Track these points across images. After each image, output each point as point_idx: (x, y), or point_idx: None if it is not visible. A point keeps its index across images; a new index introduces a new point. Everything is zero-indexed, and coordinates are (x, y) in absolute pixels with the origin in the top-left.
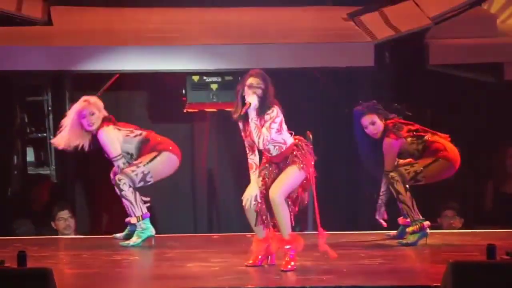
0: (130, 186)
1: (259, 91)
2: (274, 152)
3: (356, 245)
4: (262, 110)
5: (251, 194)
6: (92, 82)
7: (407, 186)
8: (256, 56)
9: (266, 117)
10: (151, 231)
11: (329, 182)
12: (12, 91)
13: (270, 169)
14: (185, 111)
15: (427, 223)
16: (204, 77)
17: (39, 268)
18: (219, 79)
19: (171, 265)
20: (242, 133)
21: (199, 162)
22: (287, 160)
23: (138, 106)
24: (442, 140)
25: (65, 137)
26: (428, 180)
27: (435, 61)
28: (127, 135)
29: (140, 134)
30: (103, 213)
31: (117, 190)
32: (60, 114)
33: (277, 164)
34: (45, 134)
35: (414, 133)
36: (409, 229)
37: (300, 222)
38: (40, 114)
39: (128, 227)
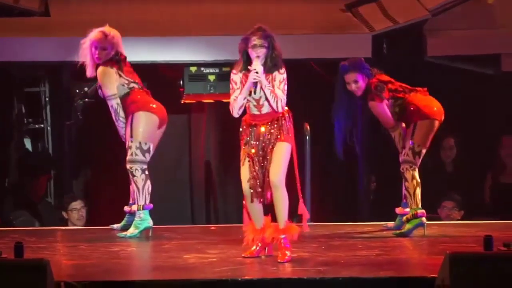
0: (143, 173)
1: (264, 51)
2: (265, 109)
3: (353, 236)
4: (270, 69)
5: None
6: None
7: (416, 174)
8: None
9: (279, 77)
10: (149, 222)
11: (327, 173)
12: (10, 82)
13: (253, 142)
14: (182, 102)
15: (421, 211)
16: (202, 68)
17: (36, 259)
18: (217, 70)
19: (169, 256)
20: (234, 87)
21: (197, 153)
22: (274, 126)
23: None
24: (417, 99)
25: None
26: (425, 145)
27: (433, 53)
28: (122, 84)
29: (130, 88)
30: (102, 204)
31: (130, 175)
32: (57, 105)
33: (258, 129)
34: (42, 125)
35: (394, 93)
36: (404, 218)
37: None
38: (37, 105)
39: (126, 218)
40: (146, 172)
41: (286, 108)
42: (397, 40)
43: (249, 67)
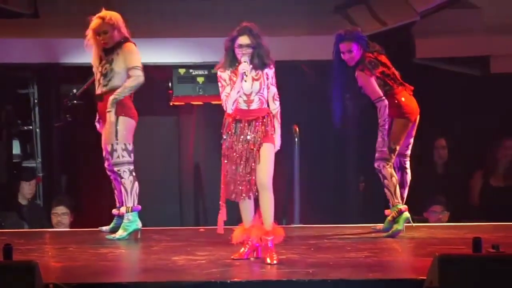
0: (130, 174)
1: (250, 51)
2: (254, 105)
3: (342, 238)
4: (260, 66)
5: None
6: (79, 75)
7: (393, 171)
8: None
9: (270, 72)
10: (138, 224)
11: (316, 175)
12: None
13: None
14: (171, 104)
15: (404, 206)
16: (191, 70)
17: (25, 261)
18: (206, 72)
19: (158, 258)
20: (224, 84)
21: (186, 155)
22: (259, 124)
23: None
24: (402, 95)
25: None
26: (398, 142)
27: (421, 55)
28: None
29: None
30: (90, 205)
31: (114, 178)
32: (46, 107)
33: (243, 125)
34: (31, 127)
35: (385, 78)
36: (389, 218)
37: (286, 215)
38: (26, 107)
39: (115, 220)
40: (134, 174)
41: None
42: (386, 42)
43: (239, 67)
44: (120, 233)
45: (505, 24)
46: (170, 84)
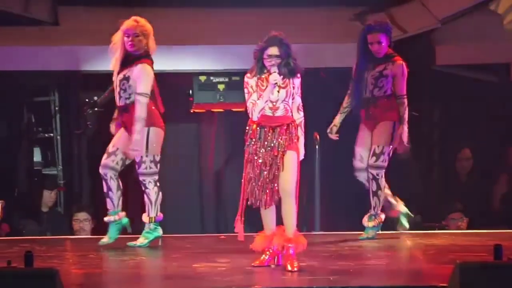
0: (155, 185)
1: (279, 61)
2: (279, 112)
3: (363, 245)
4: (287, 75)
5: None
6: (99, 82)
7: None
8: None
9: (296, 82)
10: (159, 231)
11: (335, 182)
12: (19, 91)
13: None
14: (192, 111)
15: (383, 215)
16: (211, 77)
17: (46, 268)
18: (226, 79)
19: (178, 265)
20: (251, 91)
21: (206, 162)
22: (284, 132)
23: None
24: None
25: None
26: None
27: (441, 62)
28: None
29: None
30: None
31: (142, 186)
32: (67, 114)
33: (267, 131)
34: (52, 134)
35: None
36: (370, 224)
37: (307, 222)
38: (47, 114)
39: (115, 227)
40: (158, 184)
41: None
42: (406, 49)
43: (270, 77)
44: (141, 241)
45: None
46: (190, 92)
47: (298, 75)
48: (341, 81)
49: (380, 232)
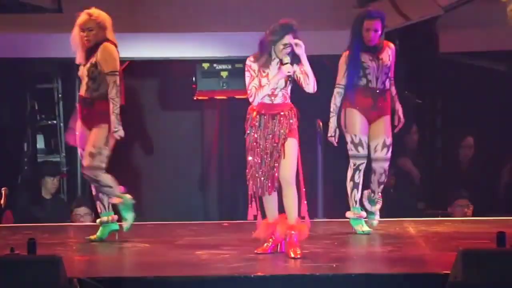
0: (104, 172)
1: (290, 49)
2: (278, 100)
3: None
4: (296, 60)
5: None
6: None
7: None
8: None
9: (297, 69)
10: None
11: (339, 169)
12: (23, 79)
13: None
14: (195, 98)
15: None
16: (214, 65)
17: (49, 256)
18: (229, 67)
19: (181, 252)
20: (253, 75)
21: (209, 149)
22: (283, 118)
23: (148, 93)
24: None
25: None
26: None
27: (445, 49)
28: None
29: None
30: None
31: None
32: (70, 101)
33: (267, 119)
34: (55, 122)
35: None
36: (375, 208)
37: (310, 209)
38: (50, 102)
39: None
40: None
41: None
42: (409, 37)
43: (283, 67)
44: (129, 218)
45: None
46: (194, 79)
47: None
48: None
49: (383, 219)
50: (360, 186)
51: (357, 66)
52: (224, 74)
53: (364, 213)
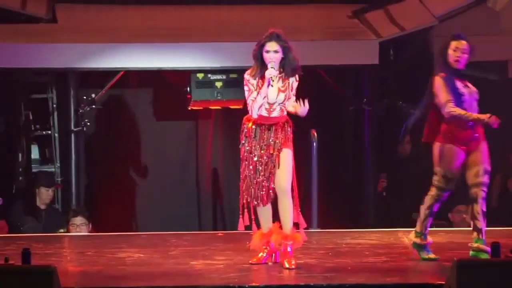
0: None
1: (277, 56)
2: (275, 113)
3: (360, 242)
4: (288, 73)
5: None
6: (97, 80)
7: None
8: None
9: (295, 84)
10: None
11: (333, 179)
12: (17, 88)
13: (256, 142)
14: (189, 108)
15: None
16: (209, 75)
17: (43, 266)
18: (224, 77)
19: (176, 262)
20: (252, 88)
21: (204, 159)
22: (280, 130)
23: (143, 103)
24: None
25: None
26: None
27: None
28: None
29: None
30: (109, 210)
31: None
32: (65, 112)
33: (263, 129)
34: (49, 132)
35: None
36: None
37: (304, 219)
38: (45, 112)
39: None
40: None
41: None
42: (404, 47)
43: (266, 72)
44: None
45: None
46: (188, 89)
47: (297, 77)
48: (339, 79)
49: (378, 229)
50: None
51: (455, 94)
52: (218, 84)
53: (430, 240)
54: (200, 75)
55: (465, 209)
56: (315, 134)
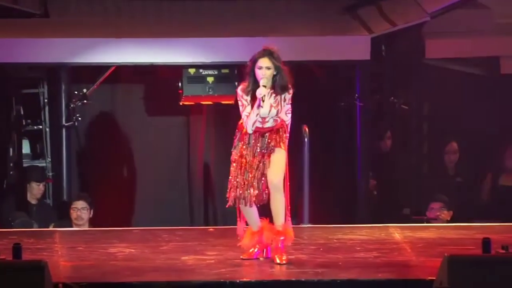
0: None
1: (270, 73)
2: (268, 124)
3: (351, 238)
4: (279, 91)
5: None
6: (89, 75)
7: None
8: (252, 49)
9: (288, 96)
10: None
11: (325, 175)
12: (8, 83)
13: (250, 148)
14: (181, 103)
15: None
16: (201, 70)
17: (34, 261)
18: (216, 72)
19: (167, 257)
20: (245, 104)
21: (195, 154)
22: (274, 134)
23: (134, 98)
24: None
25: None
26: None
27: (431, 55)
28: None
29: None
30: (102, 205)
31: None
32: (56, 107)
33: (257, 136)
34: (41, 127)
35: None
36: None
37: (296, 215)
38: (36, 107)
39: None
40: None
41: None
42: (396, 42)
43: (257, 91)
44: None
45: None
46: (180, 84)
47: (290, 90)
48: (331, 74)
49: (369, 225)
50: None
51: None
52: (210, 79)
53: None
54: (191, 70)
55: (438, 206)
56: (307, 130)
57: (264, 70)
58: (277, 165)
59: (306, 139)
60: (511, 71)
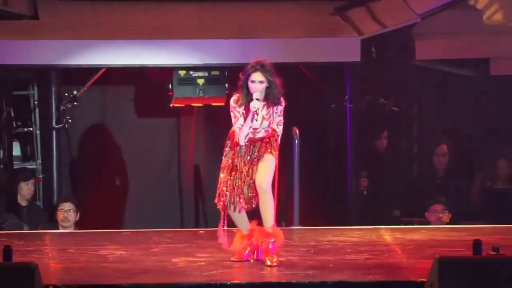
0: None
1: (262, 86)
2: (260, 135)
3: (342, 240)
4: (270, 102)
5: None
6: (79, 76)
7: None
8: (243, 51)
9: (280, 108)
10: None
11: (315, 176)
12: None
13: (241, 155)
14: (171, 105)
15: None
16: (191, 72)
17: (25, 263)
18: (206, 74)
19: (157, 259)
20: (238, 115)
21: (186, 156)
22: (265, 142)
23: (125, 100)
24: None
25: None
26: None
27: (421, 56)
28: None
29: None
30: (91, 207)
31: None
32: (46, 109)
33: (248, 145)
34: (31, 129)
35: None
36: None
37: (286, 217)
38: (26, 108)
39: None
40: None
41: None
42: (386, 44)
43: (250, 104)
44: None
45: (505, 26)
46: (170, 86)
47: (283, 103)
48: (321, 76)
49: (360, 227)
50: None
51: None
52: (200, 81)
53: None
54: (182, 72)
55: (440, 208)
56: (297, 131)
57: (257, 84)
58: (266, 169)
59: (296, 141)
60: (501, 73)
